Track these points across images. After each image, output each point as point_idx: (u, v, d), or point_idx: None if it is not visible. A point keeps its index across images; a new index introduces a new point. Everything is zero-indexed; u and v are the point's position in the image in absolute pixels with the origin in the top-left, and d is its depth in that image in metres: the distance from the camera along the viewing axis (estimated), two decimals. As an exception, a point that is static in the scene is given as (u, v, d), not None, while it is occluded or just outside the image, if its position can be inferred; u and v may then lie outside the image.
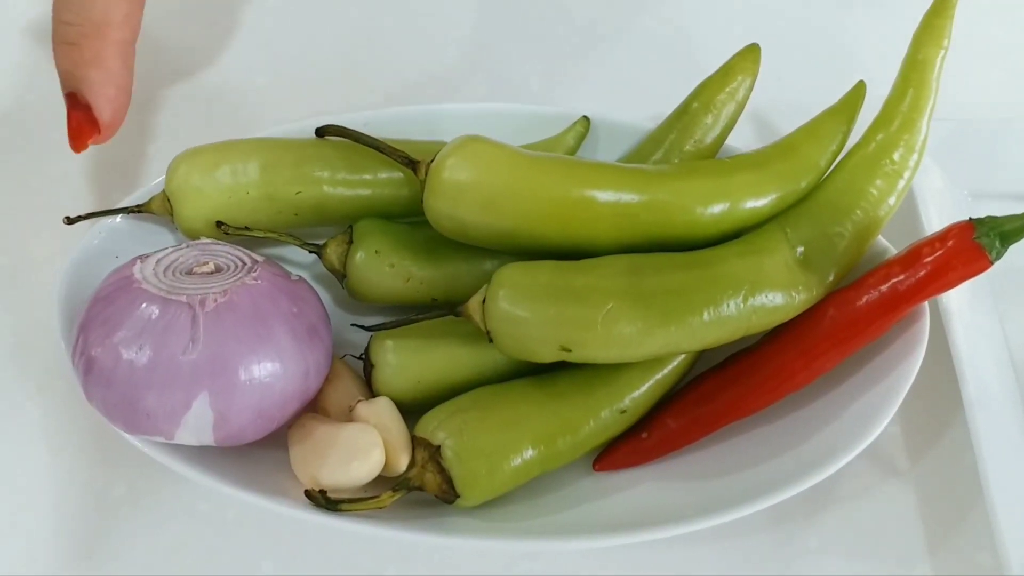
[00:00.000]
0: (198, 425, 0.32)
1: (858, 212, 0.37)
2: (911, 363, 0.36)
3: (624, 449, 0.37)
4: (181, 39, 0.54)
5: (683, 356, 0.37)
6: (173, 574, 0.37)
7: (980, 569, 0.37)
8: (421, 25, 0.55)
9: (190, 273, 0.34)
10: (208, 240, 0.37)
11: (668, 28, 0.55)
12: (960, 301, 0.40)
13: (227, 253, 0.36)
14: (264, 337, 0.33)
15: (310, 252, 0.39)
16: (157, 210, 0.39)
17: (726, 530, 0.38)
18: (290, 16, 0.55)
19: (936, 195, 0.44)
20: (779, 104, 0.49)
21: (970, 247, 0.35)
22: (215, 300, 0.33)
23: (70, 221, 0.39)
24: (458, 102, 0.44)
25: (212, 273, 0.34)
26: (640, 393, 0.36)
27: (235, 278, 0.34)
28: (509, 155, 0.36)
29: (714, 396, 0.37)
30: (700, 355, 0.39)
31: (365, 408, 0.35)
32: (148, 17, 0.49)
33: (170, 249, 0.36)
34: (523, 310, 0.34)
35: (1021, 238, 0.34)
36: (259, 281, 0.34)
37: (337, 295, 0.42)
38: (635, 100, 0.51)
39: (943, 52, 0.37)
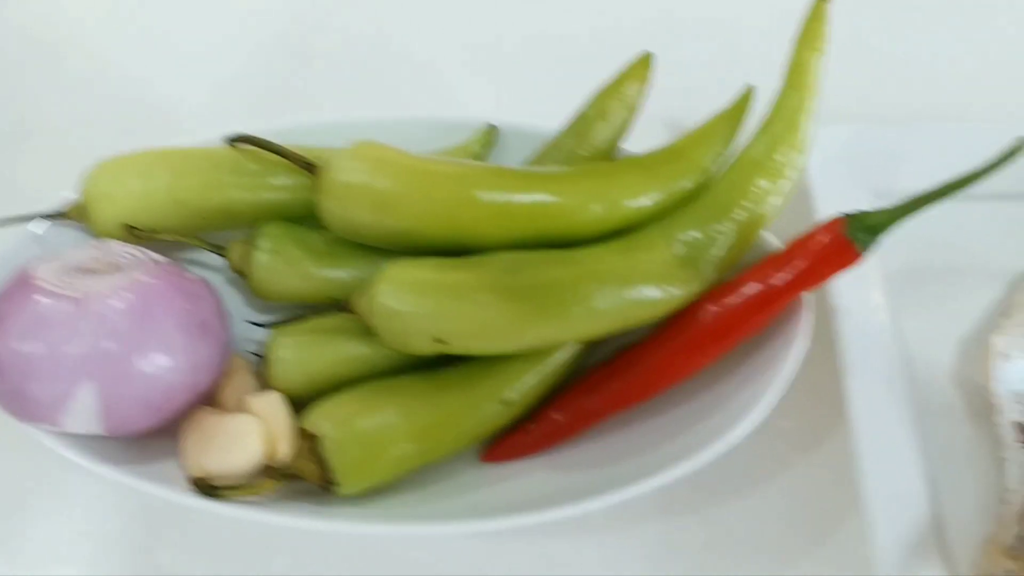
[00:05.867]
0: (84, 414, 0.34)
1: (739, 211, 0.38)
2: (791, 357, 0.37)
3: (509, 441, 0.38)
4: (110, 51, 0.56)
5: (568, 349, 0.38)
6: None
7: (857, 569, 0.37)
8: (356, 42, 0.57)
9: (90, 271, 0.36)
10: (115, 242, 0.39)
11: (582, 37, 0.57)
12: (851, 299, 0.41)
13: (129, 254, 0.38)
14: (151, 331, 0.34)
15: (215, 254, 0.41)
16: (75, 216, 0.41)
17: (614, 524, 0.39)
18: (224, 30, 0.58)
19: (838, 195, 0.45)
20: (687, 114, 0.50)
21: (839, 241, 0.36)
22: (105, 296, 0.34)
23: (-8, 227, 0.41)
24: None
25: (111, 272, 0.36)
26: (522, 385, 0.37)
27: (130, 276, 0.36)
28: (397, 157, 0.37)
29: (598, 389, 0.38)
30: (590, 349, 0.40)
31: (254, 401, 0.37)
32: (78, 28, 0.51)
33: (75, 250, 0.38)
34: (401, 304, 0.35)
35: (886, 230, 0.35)
36: (153, 280, 0.36)
37: (251, 295, 0.44)
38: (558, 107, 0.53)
39: (820, 55, 0.38)
